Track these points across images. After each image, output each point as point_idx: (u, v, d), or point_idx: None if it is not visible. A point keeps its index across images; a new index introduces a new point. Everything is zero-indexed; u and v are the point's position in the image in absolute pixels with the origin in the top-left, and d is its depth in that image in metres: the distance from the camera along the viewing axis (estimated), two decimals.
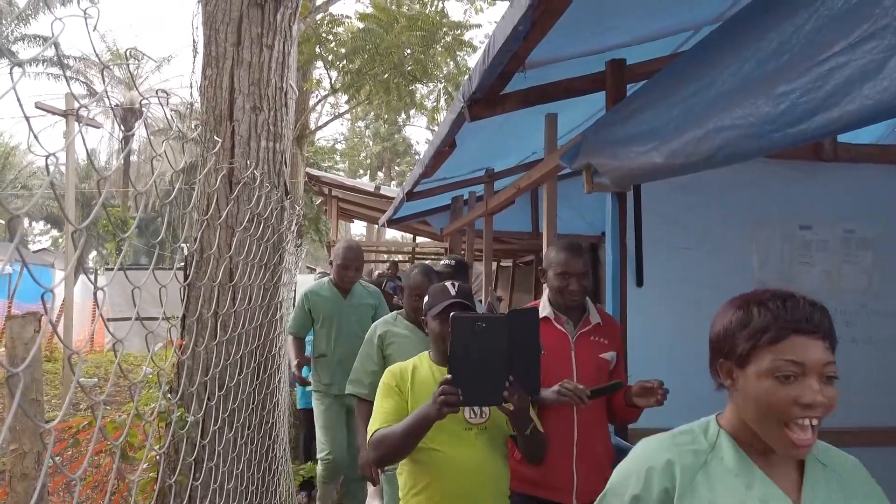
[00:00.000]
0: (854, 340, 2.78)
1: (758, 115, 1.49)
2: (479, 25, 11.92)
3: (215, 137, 2.61)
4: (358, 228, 33.19)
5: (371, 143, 30.39)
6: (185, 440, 2.18)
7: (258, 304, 2.40)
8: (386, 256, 14.49)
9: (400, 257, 13.92)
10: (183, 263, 2.80)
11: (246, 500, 1.93)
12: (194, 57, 3.08)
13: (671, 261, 2.67)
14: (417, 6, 11.13)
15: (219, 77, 2.92)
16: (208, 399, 1.90)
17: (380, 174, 30.62)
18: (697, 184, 2.64)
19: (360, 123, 28.78)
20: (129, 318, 1.14)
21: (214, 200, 2.68)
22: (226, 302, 2.37)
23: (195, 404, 1.95)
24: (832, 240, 2.88)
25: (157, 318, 1.15)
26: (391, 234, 24.48)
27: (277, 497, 2.40)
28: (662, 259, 2.63)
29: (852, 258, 2.92)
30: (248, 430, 2.14)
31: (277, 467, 2.47)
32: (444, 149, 3.27)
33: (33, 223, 36.05)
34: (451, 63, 11.99)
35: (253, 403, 2.21)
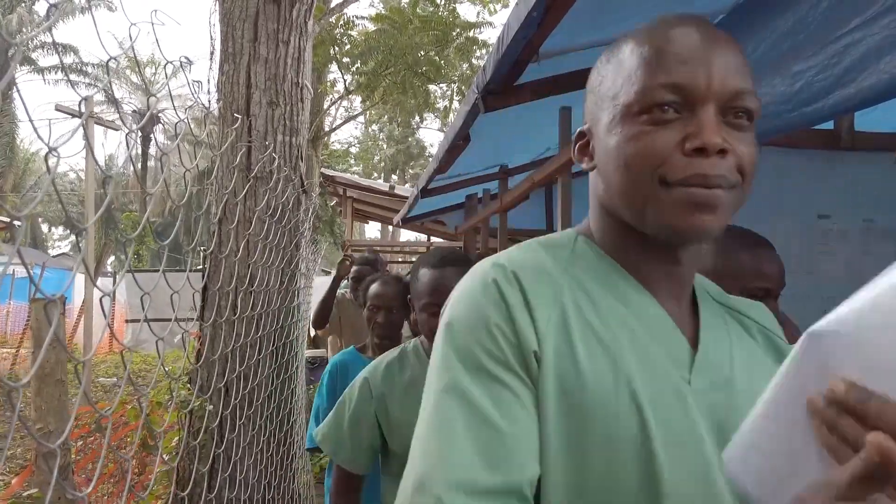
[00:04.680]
0: None
1: (773, 94, 1.49)
2: (491, 24, 11.93)
3: (235, 114, 2.65)
4: (372, 231, 33.33)
5: (385, 146, 30.50)
6: (203, 428, 2.20)
7: (276, 288, 2.43)
8: (401, 258, 14.53)
9: (415, 258, 13.94)
10: (199, 267, 2.84)
11: (265, 479, 1.96)
12: (211, 54, 3.12)
13: None
14: (431, 8, 11.19)
15: (236, 72, 2.96)
16: (227, 379, 1.93)
17: (394, 177, 30.72)
18: None
19: (374, 126, 28.93)
20: (149, 320, 1.15)
21: (234, 177, 2.71)
22: (245, 281, 2.39)
23: (215, 379, 1.98)
24: (852, 229, 2.85)
25: (176, 319, 1.15)
26: (405, 235, 24.57)
27: (295, 482, 2.42)
28: None
29: (872, 248, 2.89)
30: (267, 410, 2.16)
31: (295, 453, 2.49)
32: (459, 142, 3.28)
33: (52, 228, 36.55)
34: (465, 64, 12.03)
35: (271, 385, 2.24)
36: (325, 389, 2.29)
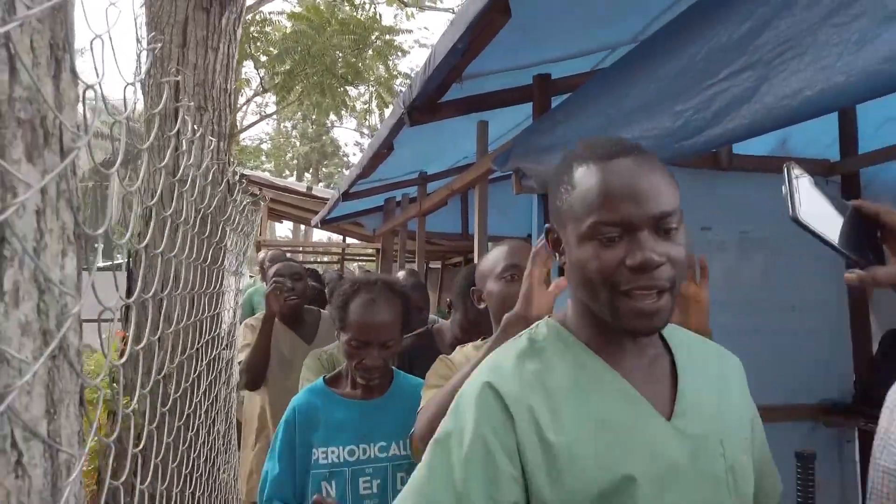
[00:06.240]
0: (751, 331, 3.08)
1: (661, 128, 1.76)
2: (409, 31, 12.12)
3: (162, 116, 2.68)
4: (283, 230, 32.68)
5: (298, 143, 30.03)
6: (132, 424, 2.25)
7: (203, 291, 2.50)
8: (313, 258, 14.46)
9: (327, 258, 13.95)
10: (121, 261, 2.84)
11: (191, 487, 2.02)
12: (138, 56, 3.13)
13: None
14: (348, 7, 11.25)
15: (163, 77, 2.99)
16: (154, 385, 2.00)
17: (307, 175, 30.30)
18: None
19: (287, 124, 28.42)
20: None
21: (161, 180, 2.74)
22: (170, 282, 2.44)
23: (141, 384, 2.04)
24: (730, 240, 3.23)
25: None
26: (318, 235, 24.31)
27: (219, 482, 2.49)
28: None
29: (747, 257, 3.29)
30: (196, 419, 2.23)
31: (218, 452, 2.55)
32: (382, 151, 3.45)
33: None
34: (382, 67, 12.17)
35: (201, 388, 2.31)
36: (280, 445, 1.67)
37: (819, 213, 0.81)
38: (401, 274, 3.46)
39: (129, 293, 2.70)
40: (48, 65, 0.46)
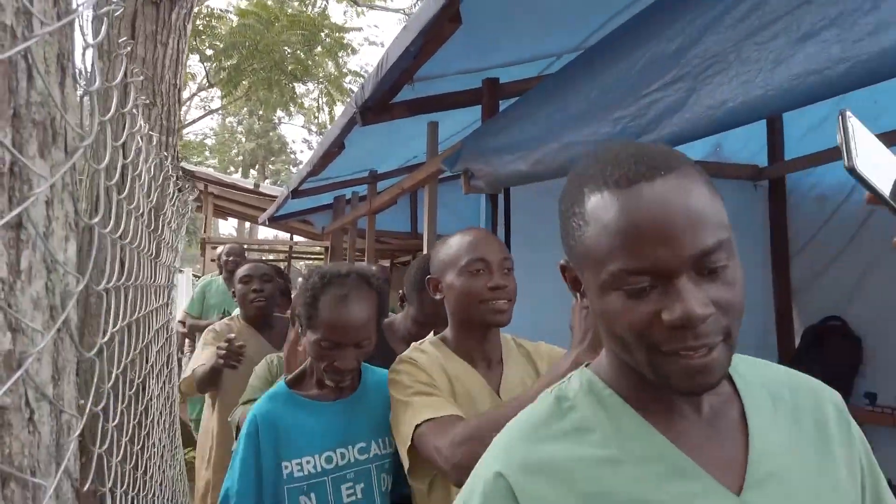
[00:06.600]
0: None
1: (600, 133, 1.87)
2: (359, 29, 12.11)
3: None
4: (227, 228, 31.97)
5: (244, 139, 29.48)
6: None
7: (146, 283, 2.49)
8: (259, 255, 14.27)
9: (273, 256, 13.81)
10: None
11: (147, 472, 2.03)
12: (84, 50, 3.08)
13: (535, 253, 3.05)
14: (297, 3, 11.18)
15: (110, 71, 2.96)
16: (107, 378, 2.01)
17: (253, 172, 29.77)
18: (559, 188, 3.05)
19: (233, 119, 27.89)
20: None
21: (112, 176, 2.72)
22: (114, 277, 2.42)
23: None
24: None
25: None
26: (264, 233, 23.92)
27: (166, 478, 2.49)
28: (528, 252, 3.00)
29: None
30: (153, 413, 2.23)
31: (165, 445, 2.55)
32: (333, 149, 3.49)
33: None
34: (332, 64, 12.13)
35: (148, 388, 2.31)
36: (241, 461, 1.47)
37: (876, 165, 0.69)
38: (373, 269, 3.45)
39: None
40: (57, 72, 0.51)
